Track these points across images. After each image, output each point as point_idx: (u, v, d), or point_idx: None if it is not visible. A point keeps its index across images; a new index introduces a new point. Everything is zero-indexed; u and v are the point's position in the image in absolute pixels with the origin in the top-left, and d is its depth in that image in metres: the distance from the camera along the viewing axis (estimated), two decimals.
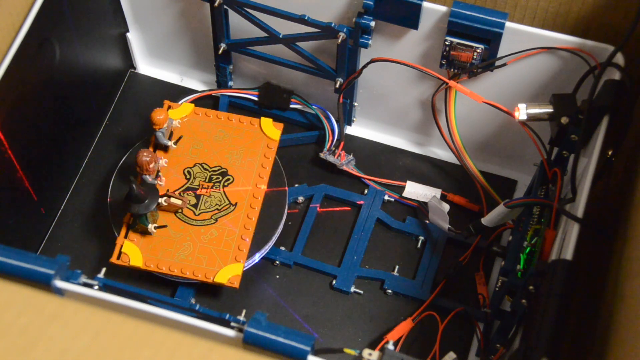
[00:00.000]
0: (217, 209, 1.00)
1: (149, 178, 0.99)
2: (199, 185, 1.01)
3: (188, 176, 1.02)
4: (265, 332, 0.68)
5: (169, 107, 1.06)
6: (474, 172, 1.06)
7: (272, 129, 1.05)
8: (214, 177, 1.02)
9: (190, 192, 1.01)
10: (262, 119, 1.05)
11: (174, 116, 1.05)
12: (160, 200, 0.97)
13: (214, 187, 1.01)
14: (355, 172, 1.09)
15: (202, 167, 1.03)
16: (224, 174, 1.02)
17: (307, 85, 1.10)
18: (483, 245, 1.02)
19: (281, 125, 1.06)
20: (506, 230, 1.03)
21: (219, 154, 1.03)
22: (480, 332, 0.97)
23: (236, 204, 1.00)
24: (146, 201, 0.95)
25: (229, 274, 0.95)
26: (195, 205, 1.00)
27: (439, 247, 1.04)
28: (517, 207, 0.89)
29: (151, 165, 0.98)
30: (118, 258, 0.97)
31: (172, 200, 0.98)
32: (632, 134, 0.90)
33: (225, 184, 1.01)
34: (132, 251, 0.97)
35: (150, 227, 0.97)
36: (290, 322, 0.99)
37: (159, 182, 1.00)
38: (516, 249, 0.84)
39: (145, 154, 0.98)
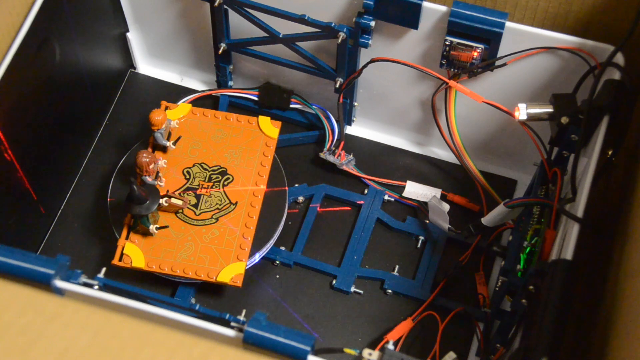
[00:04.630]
0: (217, 208, 1.00)
1: (148, 179, 0.99)
2: (198, 185, 1.01)
3: (188, 176, 1.02)
4: (265, 332, 0.68)
5: (167, 108, 1.06)
6: (474, 172, 1.06)
7: (270, 127, 1.05)
8: (214, 176, 1.02)
9: (190, 192, 1.01)
10: (260, 117, 1.06)
11: (172, 116, 1.05)
12: (160, 201, 0.97)
13: (214, 187, 1.01)
14: (355, 172, 1.09)
15: (202, 167, 1.03)
16: (224, 173, 1.02)
17: (307, 85, 1.10)
18: (483, 245, 1.02)
19: (279, 123, 1.06)
20: (506, 230, 1.03)
21: (218, 154, 1.03)
22: (480, 332, 0.97)
23: (237, 202, 1.00)
24: (147, 202, 0.95)
25: (231, 273, 0.95)
26: (196, 205, 1.00)
27: (439, 247, 1.04)
28: (517, 207, 0.89)
29: (151, 166, 0.98)
30: (120, 260, 0.97)
31: (173, 200, 0.98)
32: (632, 134, 0.90)
33: (225, 183, 1.01)
34: (133, 252, 0.97)
35: (152, 228, 0.97)
36: (290, 322, 0.99)
37: (159, 183, 1.00)
38: (516, 248, 0.84)
39: (144, 155, 0.98)
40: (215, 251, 0.97)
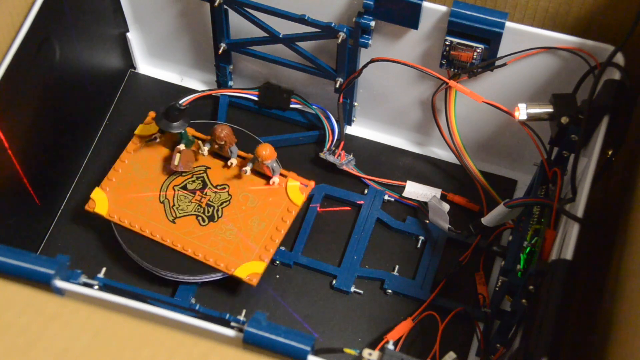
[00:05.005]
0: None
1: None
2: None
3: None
4: (265, 332, 0.68)
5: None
6: (474, 172, 1.06)
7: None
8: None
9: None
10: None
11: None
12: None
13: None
14: (355, 172, 1.09)
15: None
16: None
17: (307, 85, 1.10)
18: (483, 245, 1.02)
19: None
20: (506, 230, 1.03)
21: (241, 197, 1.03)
22: (480, 332, 0.97)
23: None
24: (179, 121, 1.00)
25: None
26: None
27: (439, 247, 1.04)
28: (517, 207, 0.89)
29: (222, 142, 1.01)
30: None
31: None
32: (632, 134, 0.90)
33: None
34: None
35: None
36: (290, 322, 0.99)
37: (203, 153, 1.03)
38: (516, 248, 0.84)
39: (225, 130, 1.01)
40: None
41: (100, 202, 1.00)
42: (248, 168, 1.02)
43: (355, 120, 1.13)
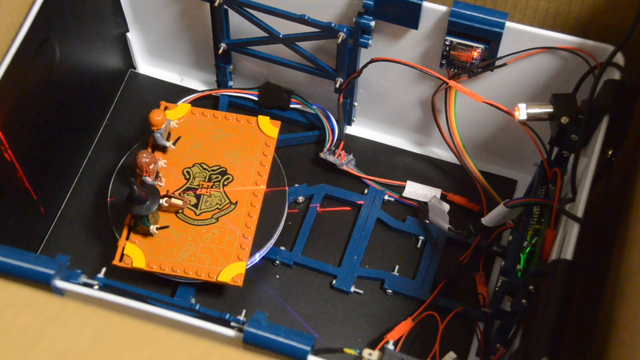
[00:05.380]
0: (217, 208, 1.00)
1: (148, 179, 0.99)
2: (198, 185, 1.01)
3: (187, 176, 1.02)
4: (265, 332, 0.68)
5: (166, 108, 1.06)
6: (474, 172, 1.06)
7: (270, 127, 1.05)
8: (214, 176, 1.02)
9: (190, 192, 1.01)
10: (260, 117, 1.06)
11: (172, 116, 1.05)
12: (161, 201, 0.97)
13: (214, 187, 1.01)
14: (355, 172, 1.09)
15: (201, 167, 1.03)
16: (224, 173, 1.02)
17: (307, 85, 1.10)
18: (483, 245, 1.02)
19: (279, 123, 1.06)
20: (506, 230, 1.04)
21: (218, 154, 1.03)
22: (480, 332, 0.97)
23: (237, 202, 1.00)
24: (147, 202, 0.95)
25: (232, 273, 0.96)
26: (196, 205, 1.00)
27: (439, 247, 1.04)
28: (517, 207, 0.89)
29: (150, 167, 0.98)
30: (120, 260, 0.97)
31: (173, 200, 0.98)
32: (632, 134, 0.90)
33: (225, 183, 1.01)
34: (134, 253, 0.97)
35: (152, 228, 0.97)
36: (290, 322, 0.99)
37: (159, 183, 1.00)
38: (516, 248, 0.84)
39: (144, 155, 0.98)
40: (216, 251, 0.97)
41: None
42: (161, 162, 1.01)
43: (355, 120, 1.13)
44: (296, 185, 1.08)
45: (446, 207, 1.05)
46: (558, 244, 0.80)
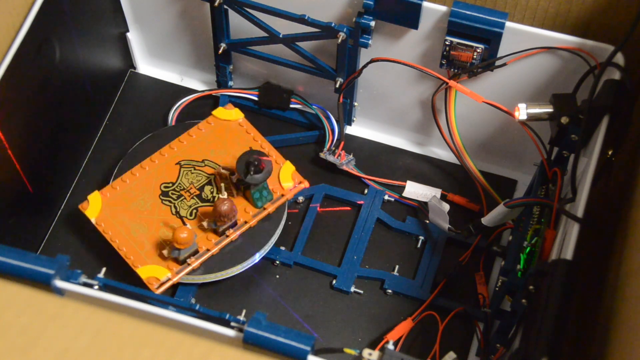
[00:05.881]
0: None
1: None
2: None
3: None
4: (265, 332, 0.68)
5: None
6: (474, 172, 1.06)
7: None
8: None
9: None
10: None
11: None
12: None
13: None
14: (355, 172, 1.09)
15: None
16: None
17: (307, 85, 1.10)
18: (483, 245, 1.02)
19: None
20: (506, 230, 1.03)
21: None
22: (480, 332, 0.97)
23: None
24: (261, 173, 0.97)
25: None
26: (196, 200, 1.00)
27: (439, 247, 1.04)
28: (517, 207, 0.89)
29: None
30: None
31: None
32: (632, 134, 0.90)
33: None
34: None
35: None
36: (290, 322, 0.99)
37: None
38: (516, 248, 0.84)
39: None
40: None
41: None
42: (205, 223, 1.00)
43: (355, 120, 1.13)
44: None
45: (446, 207, 1.05)
46: (558, 244, 0.80)
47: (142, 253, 0.97)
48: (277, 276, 1.03)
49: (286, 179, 1.02)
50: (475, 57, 0.94)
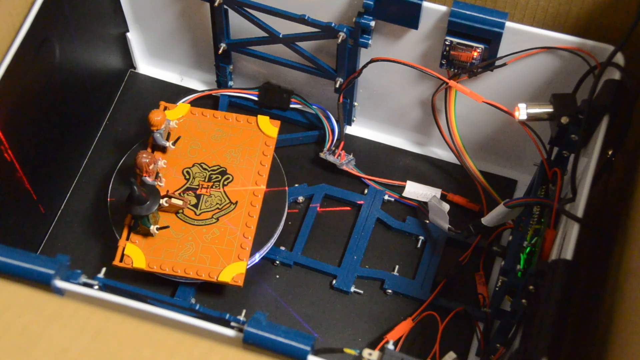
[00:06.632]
0: (217, 208, 1.00)
1: (148, 179, 0.99)
2: (198, 185, 1.01)
3: (187, 176, 1.02)
4: (265, 332, 0.68)
5: (165, 108, 1.06)
6: (474, 172, 1.06)
7: (269, 127, 1.05)
8: (214, 176, 1.02)
9: (190, 192, 1.01)
10: (259, 116, 1.06)
11: (171, 117, 1.05)
12: (161, 201, 0.97)
13: (214, 187, 1.01)
14: (355, 172, 1.09)
15: (201, 166, 1.03)
16: (223, 173, 1.02)
17: (307, 85, 1.10)
18: (483, 245, 1.03)
19: (278, 122, 1.06)
20: (506, 230, 1.04)
21: (218, 153, 1.03)
22: (480, 332, 0.97)
23: (237, 202, 1.00)
24: (147, 202, 0.95)
25: (232, 273, 0.96)
26: (196, 205, 1.00)
27: (439, 247, 1.04)
28: (517, 207, 0.89)
29: (150, 167, 0.98)
30: (121, 260, 0.97)
31: (173, 200, 0.98)
32: (632, 134, 0.90)
33: (225, 183, 1.01)
34: (134, 253, 0.97)
35: (152, 228, 0.97)
36: (290, 322, 0.99)
37: (159, 183, 1.00)
38: (516, 248, 0.84)
39: (144, 155, 0.98)
40: (216, 251, 0.97)
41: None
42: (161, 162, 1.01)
43: (355, 120, 1.13)
44: (296, 185, 1.08)
45: (446, 207, 1.05)
46: (558, 244, 0.80)
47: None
48: (277, 276, 1.03)
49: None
50: (475, 57, 0.94)
